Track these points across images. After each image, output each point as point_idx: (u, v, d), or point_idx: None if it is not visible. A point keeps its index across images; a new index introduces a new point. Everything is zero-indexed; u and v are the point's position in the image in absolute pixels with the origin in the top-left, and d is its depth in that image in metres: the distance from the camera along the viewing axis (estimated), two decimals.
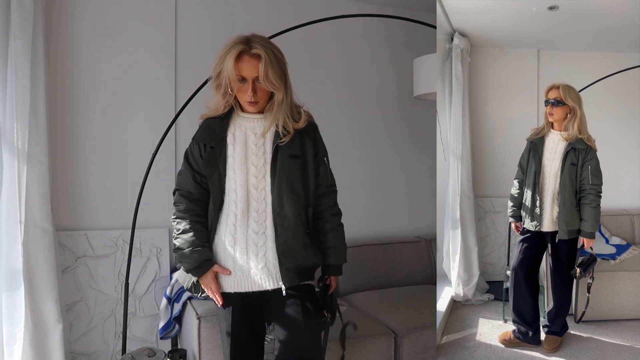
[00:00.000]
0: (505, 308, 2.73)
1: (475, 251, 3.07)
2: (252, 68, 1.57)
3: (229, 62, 1.56)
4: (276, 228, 1.64)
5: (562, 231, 2.32)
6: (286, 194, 1.64)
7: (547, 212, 2.37)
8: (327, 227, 1.78)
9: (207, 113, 1.72)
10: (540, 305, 2.54)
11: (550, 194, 2.36)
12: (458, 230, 3.02)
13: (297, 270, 1.67)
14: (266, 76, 1.56)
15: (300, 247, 1.68)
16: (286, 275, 1.65)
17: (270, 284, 1.66)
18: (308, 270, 1.72)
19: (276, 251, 1.64)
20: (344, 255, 1.84)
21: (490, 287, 3.16)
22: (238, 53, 1.56)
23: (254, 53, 1.56)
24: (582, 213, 2.33)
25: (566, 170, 2.31)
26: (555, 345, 2.46)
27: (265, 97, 1.64)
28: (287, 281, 1.65)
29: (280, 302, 1.69)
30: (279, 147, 1.64)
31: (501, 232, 3.32)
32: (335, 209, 1.82)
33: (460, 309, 2.97)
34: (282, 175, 1.64)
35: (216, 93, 1.66)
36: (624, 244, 3.10)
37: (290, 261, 1.65)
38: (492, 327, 2.72)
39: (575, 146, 2.31)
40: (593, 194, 2.31)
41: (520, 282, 2.45)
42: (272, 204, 1.64)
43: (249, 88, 1.59)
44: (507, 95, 3.32)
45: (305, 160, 1.69)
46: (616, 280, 2.76)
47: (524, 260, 2.44)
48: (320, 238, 1.78)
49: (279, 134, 1.64)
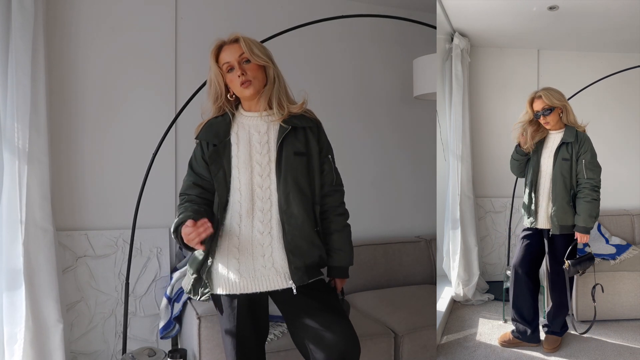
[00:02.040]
0: (505, 308, 2.74)
1: (475, 251, 3.07)
2: (233, 51, 1.64)
3: (212, 62, 1.67)
4: (284, 226, 1.63)
5: (554, 226, 2.33)
6: (292, 192, 1.63)
7: (542, 209, 2.38)
8: (332, 228, 1.76)
9: (203, 120, 1.74)
10: (540, 305, 2.54)
11: (546, 191, 2.38)
12: (458, 230, 3.02)
13: (306, 269, 1.65)
14: (252, 51, 1.63)
15: (309, 245, 1.66)
16: (295, 274, 1.62)
17: (279, 284, 1.64)
18: (316, 268, 1.70)
19: (284, 249, 1.63)
20: (349, 257, 1.79)
21: (490, 287, 3.17)
22: (217, 49, 1.67)
23: (231, 39, 1.66)
24: (577, 208, 2.33)
25: (557, 166, 2.33)
26: (555, 345, 2.46)
27: (259, 77, 1.66)
28: (297, 280, 1.62)
29: (297, 302, 1.66)
30: (283, 145, 1.64)
31: (501, 232, 3.32)
32: (341, 209, 1.80)
33: (460, 309, 2.97)
34: (287, 172, 1.63)
35: (209, 101, 1.72)
36: (624, 244, 3.10)
37: (299, 259, 1.63)
38: (492, 327, 2.72)
39: (565, 140, 2.32)
40: (588, 188, 2.30)
41: (520, 279, 2.45)
42: (279, 202, 1.63)
43: (237, 70, 1.64)
44: (507, 95, 3.32)
45: (310, 158, 1.69)
46: (616, 280, 2.76)
47: (525, 258, 2.45)
48: (325, 239, 1.76)
49: (283, 130, 1.65)
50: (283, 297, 1.68)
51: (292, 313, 1.70)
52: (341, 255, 1.77)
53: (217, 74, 1.66)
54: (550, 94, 2.32)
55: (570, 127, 2.36)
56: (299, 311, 1.67)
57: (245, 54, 1.63)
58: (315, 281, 1.69)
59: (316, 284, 1.70)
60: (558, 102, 2.33)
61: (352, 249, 1.81)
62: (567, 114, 2.35)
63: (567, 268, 2.29)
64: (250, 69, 1.64)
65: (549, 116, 2.34)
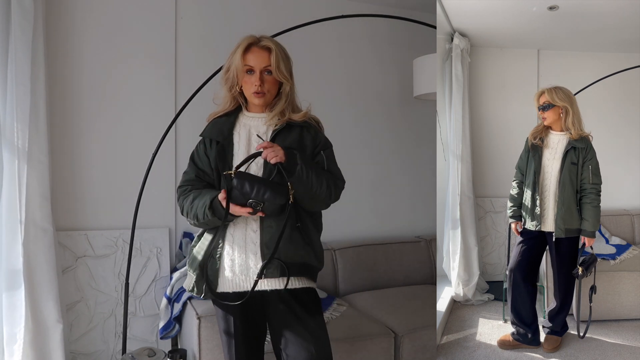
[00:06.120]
0: (505, 308, 2.73)
1: (475, 251, 3.07)
2: (261, 59, 1.63)
3: (237, 54, 1.64)
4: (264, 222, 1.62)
5: (559, 229, 2.32)
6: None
7: (549, 212, 2.37)
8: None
9: (214, 110, 1.75)
10: (539, 306, 2.54)
11: (552, 194, 2.36)
12: (458, 230, 3.02)
13: (279, 264, 1.61)
14: (278, 67, 1.63)
15: (286, 242, 1.62)
16: (267, 267, 1.59)
17: (269, 284, 1.63)
18: (293, 266, 1.64)
19: (262, 245, 1.62)
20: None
21: (490, 287, 3.17)
22: (247, 45, 1.64)
23: (264, 45, 1.65)
24: (583, 212, 2.33)
25: (566, 170, 2.32)
26: (555, 345, 2.46)
27: (272, 90, 1.67)
28: (268, 273, 1.60)
29: (279, 303, 1.66)
30: (275, 141, 1.64)
31: (501, 232, 3.32)
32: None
33: (460, 309, 2.97)
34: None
35: (223, 87, 1.71)
36: (624, 244, 3.10)
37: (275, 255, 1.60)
38: (492, 327, 2.72)
39: (575, 145, 2.32)
40: (594, 194, 2.32)
41: (518, 283, 2.44)
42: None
43: (256, 79, 1.63)
44: (507, 95, 3.32)
45: (303, 154, 1.67)
46: (616, 280, 2.76)
47: (522, 262, 2.44)
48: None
49: (277, 127, 1.66)
50: (271, 297, 1.66)
51: (272, 316, 1.69)
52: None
53: (240, 69, 1.64)
54: (554, 91, 2.33)
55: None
56: (278, 316, 1.67)
57: (271, 66, 1.63)
58: (303, 292, 1.66)
59: (302, 294, 1.67)
60: (559, 101, 2.32)
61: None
62: (567, 116, 2.33)
63: (580, 273, 2.30)
64: (269, 81, 1.65)
65: (547, 112, 2.35)
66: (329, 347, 1.68)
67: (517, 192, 2.48)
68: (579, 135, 2.32)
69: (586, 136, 2.35)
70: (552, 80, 2.52)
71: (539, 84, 3.25)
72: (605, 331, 2.64)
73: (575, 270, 2.33)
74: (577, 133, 2.32)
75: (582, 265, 2.32)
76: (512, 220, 2.50)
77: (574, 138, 2.33)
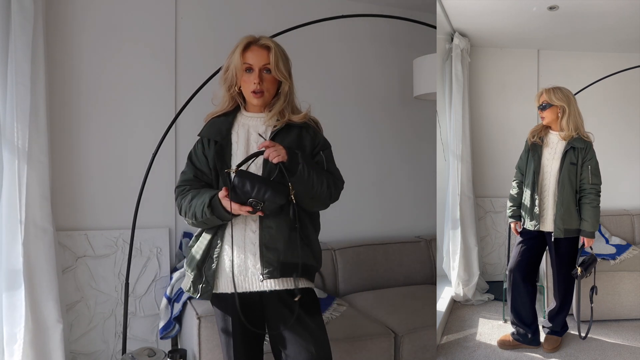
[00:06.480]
0: (505, 308, 2.73)
1: (475, 251, 3.07)
2: (260, 57, 1.64)
3: (237, 52, 1.65)
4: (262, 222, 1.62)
5: (557, 229, 2.32)
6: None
7: (548, 212, 2.37)
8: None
9: (212, 110, 1.74)
10: (539, 306, 2.54)
11: (552, 194, 2.36)
12: (458, 230, 3.02)
13: (279, 264, 1.61)
14: (277, 65, 1.63)
15: (284, 241, 1.62)
16: (266, 267, 1.60)
17: (268, 285, 1.63)
18: (293, 267, 1.63)
19: (261, 245, 1.61)
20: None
21: (490, 287, 3.17)
22: (246, 44, 1.65)
23: (263, 44, 1.65)
24: (582, 213, 2.33)
25: (565, 170, 2.32)
26: (555, 345, 2.46)
27: (271, 90, 1.67)
28: (266, 274, 1.60)
29: (278, 304, 1.66)
30: (275, 141, 1.63)
31: (501, 232, 3.32)
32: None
33: (460, 309, 2.97)
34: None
35: (221, 87, 1.71)
36: (624, 244, 3.10)
37: (273, 255, 1.61)
38: (492, 327, 2.72)
39: (574, 145, 2.32)
40: (594, 194, 2.32)
41: (518, 284, 2.44)
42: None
43: (255, 77, 1.63)
44: (507, 95, 3.32)
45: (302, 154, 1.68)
46: (616, 280, 2.76)
47: (522, 262, 2.44)
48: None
49: (276, 127, 1.66)
50: (269, 299, 1.66)
51: (271, 317, 1.69)
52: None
53: (239, 67, 1.64)
54: (552, 91, 2.34)
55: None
56: (277, 317, 1.67)
57: (270, 64, 1.63)
58: (301, 292, 1.64)
59: (301, 295, 1.64)
60: (557, 101, 2.33)
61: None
62: (564, 116, 2.33)
63: (579, 273, 2.30)
64: (268, 79, 1.65)
65: (545, 111, 2.36)
66: (329, 347, 1.68)
67: (517, 192, 2.49)
68: (570, 136, 2.32)
69: (586, 136, 2.35)
70: (551, 80, 2.53)
71: (538, 84, 3.25)
72: (605, 331, 2.64)
73: (574, 270, 2.33)
74: (569, 134, 2.32)
75: (581, 266, 2.32)
76: (512, 220, 2.50)
77: (564, 139, 2.33)
